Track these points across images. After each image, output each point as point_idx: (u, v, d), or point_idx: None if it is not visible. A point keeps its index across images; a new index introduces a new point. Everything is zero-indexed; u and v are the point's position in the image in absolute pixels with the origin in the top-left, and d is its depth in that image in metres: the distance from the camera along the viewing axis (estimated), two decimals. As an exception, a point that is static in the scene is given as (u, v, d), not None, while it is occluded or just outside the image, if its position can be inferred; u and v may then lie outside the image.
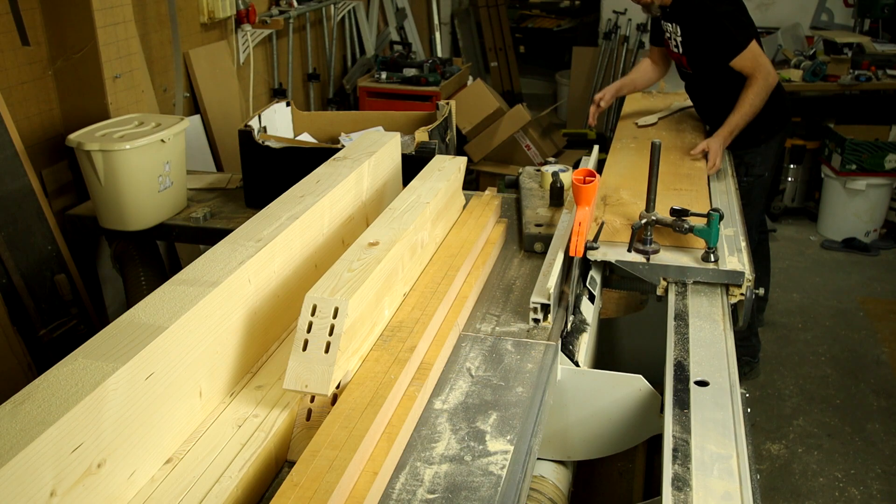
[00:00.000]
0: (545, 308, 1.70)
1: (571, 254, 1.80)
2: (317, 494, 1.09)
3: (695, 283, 1.93)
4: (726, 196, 2.52)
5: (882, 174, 4.79)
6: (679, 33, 3.10)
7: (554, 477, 1.70)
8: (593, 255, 1.99)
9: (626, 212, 2.21)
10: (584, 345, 1.81)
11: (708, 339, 1.68)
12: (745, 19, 3.02)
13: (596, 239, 2.00)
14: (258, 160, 2.76)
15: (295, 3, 4.91)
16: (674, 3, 3.03)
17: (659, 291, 1.95)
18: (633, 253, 1.98)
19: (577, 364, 1.71)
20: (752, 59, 2.91)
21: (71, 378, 1.07)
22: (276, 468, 1.31)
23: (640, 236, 1.99)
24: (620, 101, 3.75)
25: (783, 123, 3.32)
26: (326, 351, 1.31)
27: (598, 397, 1.66)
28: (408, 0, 6.72)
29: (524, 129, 5.42)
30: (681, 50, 3.14)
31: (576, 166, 2.31)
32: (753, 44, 2.92)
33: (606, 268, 2.10)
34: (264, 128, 2.92)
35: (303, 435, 1.35)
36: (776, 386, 3.57)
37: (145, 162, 2.63)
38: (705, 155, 2.77)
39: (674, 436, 1.36)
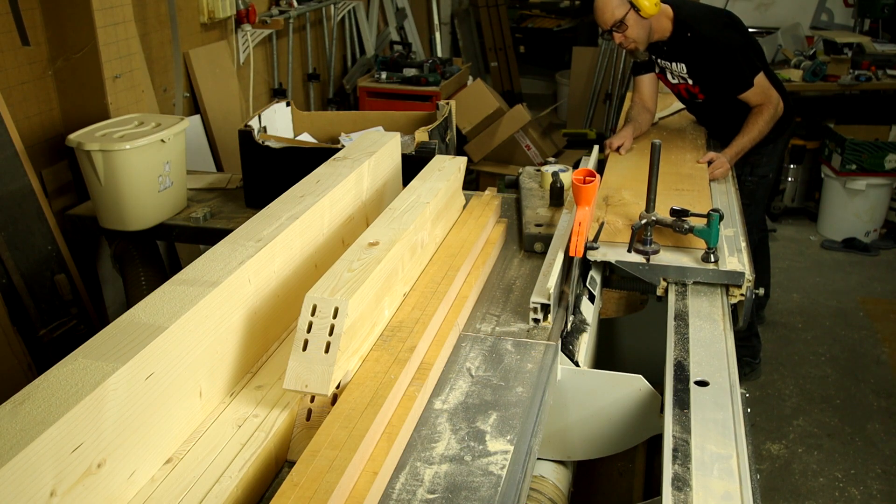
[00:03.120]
0: (545, 308, 1.70)
1: (571, 254, 1.80)
2: (317, 494, 1.09)
3: (695, 283, 1.93)
4: (727, 196, 2.52)
5: (882, 174, 4.79)
6: (685, 71, 3.02)
7: (554, 477, 1.70)
8: (593, 256, 1.99)
9: (628, 212, 2.21)
10: (584, 345, 1.81)
11: (708, 339, 1.68)
12: (752, 50, 3.00)
13: (596, 239, 2.00)
14: (258, 160, 2.76)
15: (295, 3, 4.91)
16: (673, 42, 2.94)
17: (659, 292, 1.95)
18: (633, 253, 1.98)
19: (577, 364, 1.71)
20: (761, 92, 2.91)
21: (71, 378, 1.07)
22: (276, 468, 1.31)
23: (640, 237, 1.99)
24: (621, 101, 3.75)
25: (788, 124, 3.32)
26: (326, 351, 1.31)
27: (598, 397, 1.66)
28: (408, 0, 6.72)
29: (524, 129, 5.42)
30: (690, 82, 3.06)
31: (576, 166, 2.32)
32: (760, 77, 2.90)
33: (606, 268, 2.10)
34: (264, 128, 2.92)
35: (303, 435, 1.35)
36: (776, 386, 3.57)
37: (145, 162, 2.63)
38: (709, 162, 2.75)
39: (674, 436, 1.36)
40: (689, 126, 3.28)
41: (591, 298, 2.00)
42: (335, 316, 1.32)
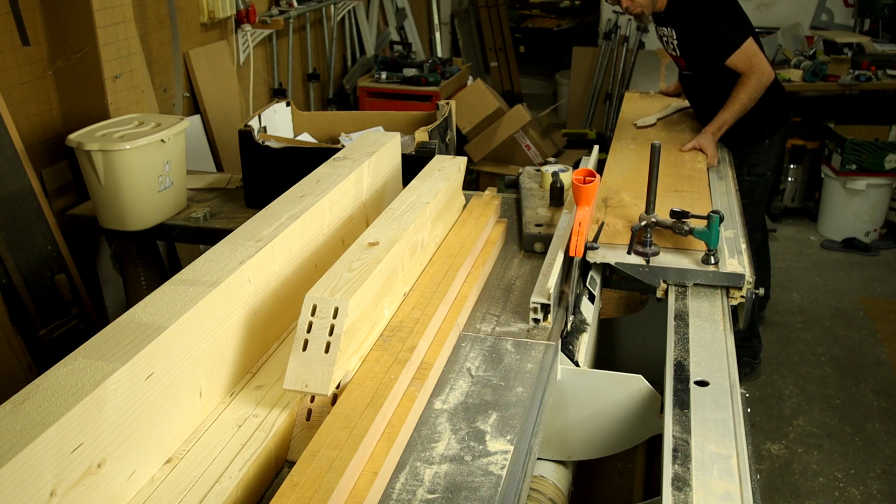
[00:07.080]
0: (545, 308, 1.70)
1: (571, 254, 1.80)
2: (317, 494, 1.09)
3: (695, 285, 1.92)
4: (727, 198, 2.52)
5: (882, 174, 4.79)
6: (675, 36, 3.14)
7: (554, 477, 1.70)
8: (593, 257, 1.98)
9: (628, 213, 2.20)
10: (584, 345, 1.81)
11: (708, 339, 1.68)
12: (739, 19, 3.04)
13: (596, 239, 2.00)
14: (258, 160, 2.76)
15: (295, 3, 4.91)
16: (668, 7, 3.07)
17: (659, 293, 1.95)
18: (632, 255, 1.98)
19: (577, 364, 1.71)
20: (747, 58, 2.93)
21: (71, 378, 1.07)
22: (276, 468, 1.31)
23: (639, 238, 1.99)
24: (620, 100, 3.77)
25: (785, 121, 3.33)
26: (326, 351, 1.31)
27: (598, 397, 1.66)
28: (408, 0, 6.72)
29: (524, 129, 5.42)
30: (678, 52, 3.18)
31: (576, 166, 2.31)
32: (749, 42, 2.93)
33: (606, 268, 2.10)
34: (264, 128, 2.92)
35: (303, 435, 1.35)
36: (776, 386, 3.57)
37: (145, 162, 2.63)
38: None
39: (674, 436, 1.36)
40: (688, 127, 3.27)
41: (591, 298, 2.00)
42: (335, 316, 1.32)
